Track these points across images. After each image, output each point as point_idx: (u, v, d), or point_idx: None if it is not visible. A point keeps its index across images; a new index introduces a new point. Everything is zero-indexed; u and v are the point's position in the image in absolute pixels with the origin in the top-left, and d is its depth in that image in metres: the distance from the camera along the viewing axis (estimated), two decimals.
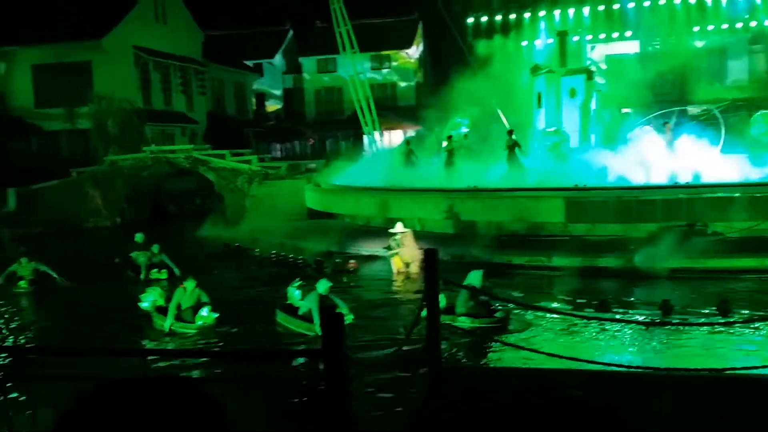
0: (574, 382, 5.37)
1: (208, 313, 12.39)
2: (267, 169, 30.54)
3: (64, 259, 19.46)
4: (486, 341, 10.54)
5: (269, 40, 58.07)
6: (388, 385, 9.10)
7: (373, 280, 16.39)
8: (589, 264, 15.81)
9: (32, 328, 13.96)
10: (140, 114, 35.89)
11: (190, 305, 12.53)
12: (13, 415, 4.42)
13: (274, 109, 58.76)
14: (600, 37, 33.74)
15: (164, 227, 28.34)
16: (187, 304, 12.52)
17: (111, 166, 32.46)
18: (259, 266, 19.23)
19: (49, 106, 37.48)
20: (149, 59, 40.29)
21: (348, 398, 4.13)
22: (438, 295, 6.69)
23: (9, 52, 38.25)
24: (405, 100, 53.77)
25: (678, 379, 6.19)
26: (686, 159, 20.91)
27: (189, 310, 12.51)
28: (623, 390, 5.39)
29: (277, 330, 12.19)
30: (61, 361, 5.31)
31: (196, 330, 12.28)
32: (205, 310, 12.38)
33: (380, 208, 22.14)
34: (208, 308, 12.43)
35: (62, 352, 6.66)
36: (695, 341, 10.32)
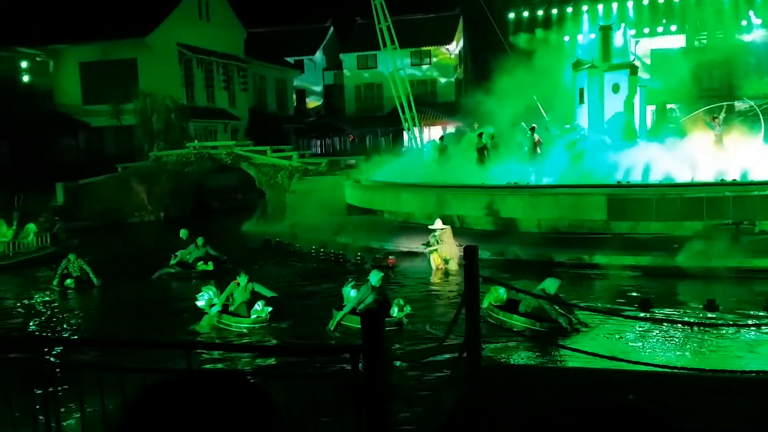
0: (619, 384, 5.31)
1: (263, 308, 12.04)
2: (307, 165, 30.75)
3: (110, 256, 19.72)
4: (532, 341, 10.47)
5: (310, 37, 58.41)
6: (426, 382, 9.10)
7: (411, 277, 16.39)
8: (631, 263, 15.59)
9: (82, 326, 14.08)
10: (184, 110, 36.42)
11: (244, 300, 12.29)
12: (61, 403, 4.54)
13: (315, 106, 59.09)
14: (644, 32, 33.15)
15: (207, 222, 28.75)
16: (240, 299, 12.30)
17: (155, 162, 33.03)
18: (299, 261, 19.38)
19: (95, 103, 38.26)
20: (193, 56, 40.85)
21: (386, 395, 4.15)
22: (478, 292, 6.66)
23: (57, 50, 39.14)
24: (445, 96, 53.57)
25: (724, 381, 6.08)
26: (734, 155, 20.44)
27: (243, 305, 12.27)
28: (669, 392, 5.31)
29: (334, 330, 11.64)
30: (106, 355, 5.45)
31: (250, 325, 12.02)
32: (259, 304, 12.02)
33: (420, 204, 22.12)
34: (262, 302, 12.08)
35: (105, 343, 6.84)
36: (740, 342, 10.11)
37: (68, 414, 5.20)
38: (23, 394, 4.51)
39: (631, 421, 0.91)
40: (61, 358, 8.71)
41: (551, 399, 5.29)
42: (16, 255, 20.25)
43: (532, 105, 26.79)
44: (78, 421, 4.49)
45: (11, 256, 20.11)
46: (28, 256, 20.41)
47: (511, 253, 17.00)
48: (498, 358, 9.79)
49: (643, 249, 16.24)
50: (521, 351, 10.16)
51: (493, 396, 5.67)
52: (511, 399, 5.46)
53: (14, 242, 20.54)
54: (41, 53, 39.22)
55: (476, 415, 5.33)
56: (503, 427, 4.92)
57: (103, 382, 4.24)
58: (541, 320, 11.03)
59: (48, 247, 21.26)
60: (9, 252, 20.20)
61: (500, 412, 5.23)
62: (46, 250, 20.95)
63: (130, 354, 7.01)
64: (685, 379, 6.05)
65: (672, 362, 9.13)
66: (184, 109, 36.51)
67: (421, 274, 16.59)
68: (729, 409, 5.03)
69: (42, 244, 21.25)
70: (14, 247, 20.44)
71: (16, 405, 4.46)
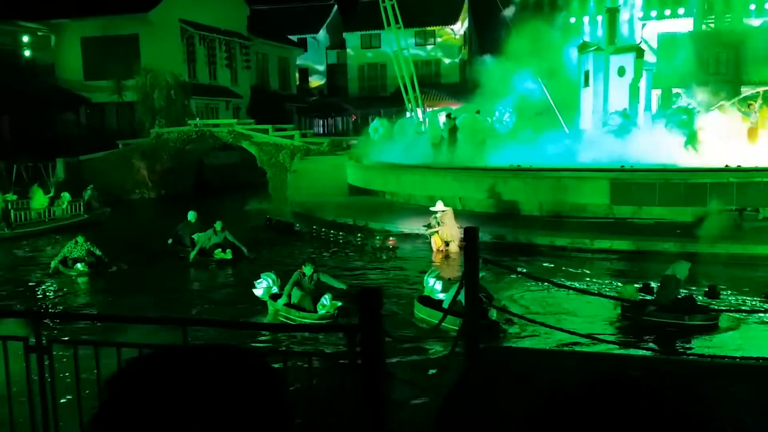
0: (620, 366, 5.26)
1: (330, 302, 10.88)
2: (309, 144, 30.63)
3: (116, 237, 19.13)
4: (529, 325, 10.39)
5: (314, 15, 58.00)
6: (424, 363, 9.08)
7: (412, 258, 16.35)
8: (633, 247, 15.54)
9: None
10: (185, 87, 36.23)
11: (309, 292, 11.25)
12: (59, 377, 4.50)
13: (317, 85, 58.81)
14: (652, 14, 32.80)
15: (208, 200, 28.71)
16: (304, 291, 11.26)
17: (156, 139, 32.91)
18: (301, 241, 19.32)
19: (97, 79, 38.06)
20: (195, 33, 40.58)
21: (384, 374, 4.10)
22: (478, 273, 6.60)
23: (59, 24, 38.89)
24: (449, 77, 53.27)
25: (724, 367, 6.03)
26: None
27: (307, 298, 11.15)
28: (670, 376, 5.26)
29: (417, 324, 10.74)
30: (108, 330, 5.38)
31: (316, 321, 10.73)
32: (326, 298, 10.88)
33: (421, 185, 22.05)
34: (329, 296, 10.93)
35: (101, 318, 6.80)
36: (741, 329, 10.07)
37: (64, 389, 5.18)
38: (19, 369, 4.47)
39: (639, 395, 0.86)
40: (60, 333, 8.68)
41: (551, 380, 5.24)
42: (51, 221, 21.75)
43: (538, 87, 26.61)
44: (74, 395, 4.44)
45: (46, 222, 21.62)
46: (62, 223, 21.82)
47: (511, 236, 16.95)
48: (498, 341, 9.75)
49: (646, 234, 16.18)
50: (523, 333, 10.11)
51: (492, 377, 5.62)
52: (510, 380, 5.42)
53: (50, 209, 22.04)
54: (43, 27, 38.97)
55: (474, 396, 5.28)
56: (501, 408, 4.88)
57: (99, 357, 4.20)
58: (691, 313, 10.08)
59: (81, 215, 22.72)
60: (45, 218, 21.72)
61: (498, 393, 5.19)
62: (80, 217, 22.52)
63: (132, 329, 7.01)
64: (686, 364, 6.01)
65: (672, 348, 9.11)
66: (186, 86, 36.32)
67: (422, 255, 16.55)
68: (729, 395, 4.98)
69: (75, 212, 22.71)
70: (49, 214, 21.91)
71: (12, 380, 4.42)
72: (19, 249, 19.44)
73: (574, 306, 11.32)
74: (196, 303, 13.13)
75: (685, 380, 5.17)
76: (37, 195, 22.54)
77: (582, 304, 11.32)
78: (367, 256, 16.77)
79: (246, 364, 0.91)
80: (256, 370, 0.91)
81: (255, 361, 0.92)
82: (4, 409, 4.43)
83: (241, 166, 35.11)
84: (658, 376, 5.10)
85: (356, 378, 4.00)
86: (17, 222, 20.88)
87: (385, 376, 4.15)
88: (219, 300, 13.37)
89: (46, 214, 21.91)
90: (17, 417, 4.58)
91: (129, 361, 0.92)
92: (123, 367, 0.91)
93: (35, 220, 21.49)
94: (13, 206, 21.28)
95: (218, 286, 14.92)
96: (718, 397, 4.89)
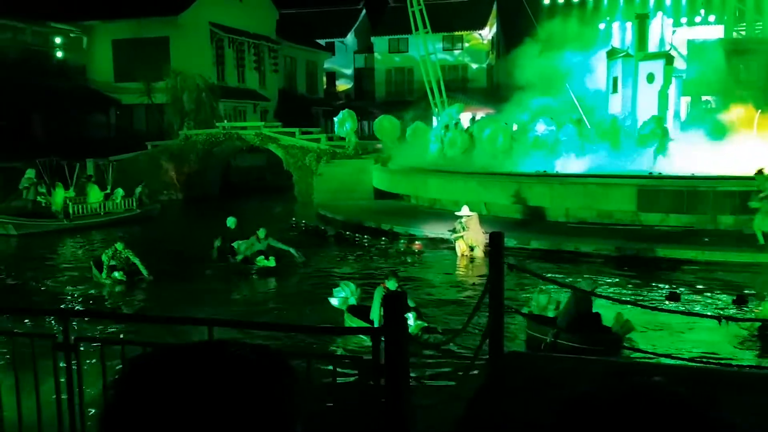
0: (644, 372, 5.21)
1: (415, 322, 9.74)
2: (335, 147, 30.72)
3: (154, 245, 18.63)
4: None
5: (342, 20, 58.19)
6: (448, 369, 9.04)
7: (437, 263, 16.33)
8: (660, 254, 15.37)
9: None
10: (214, 90, 36.56)
11: None
12: (85, 376, 4.55)
13: (345, 89, 58.97)
14: (682, 21, 32.47)
15: (236, 203, 28.94)
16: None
17: (185, 141, 33.22)
18: (327, 244, 19.35)
19: (127, 81, 38.55)
20: (224, 36, 40.94)
21: (406, 377, 4.10)
22: (503, 279, 6.56)
23: (90, 26, 39.47)
24: (476, 82, 53.11)
25: (751, 377, 5.94)
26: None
27: None
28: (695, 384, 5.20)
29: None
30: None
31: None
32: (410, 316, 9.66)
33: (447, 190, 22.03)
34: (414, 314, 9.76)
35: (129, 318, 6.87)
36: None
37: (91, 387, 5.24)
38: (47, 366, 4.53)
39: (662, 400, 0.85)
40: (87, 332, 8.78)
41: (574, 386, 5.21)
42: (106, 214, 23.90)
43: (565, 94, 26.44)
44: (101, 393, 4.50)
45: (101, 215, 23.74)
46: (116, 216, 23.95)
47: (536, 242, 16.86)
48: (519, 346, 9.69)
49: (673, 241, 16.01)
50: None
51: (516, 383, 5.60)
52: (533, 386, 5.39)
53: (104, 204, 24.14)
54: (75, 29, 39.58)
55: (498, 401, 5.27)
56: (525, 414, 4.85)
57: (124, 356, 4.25)
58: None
59: (134, 210, 24.81)
60: (100, 212, 23.87)
61: (522, 400, 5.16)
62: (132, 212, 24.67)
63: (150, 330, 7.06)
64: (712, 373, 5.93)
65: (698, 356, 8.98)
66: (215, 89, 36.65)
67: (447, 260, 16.52)
68: (753, 404, 4.91)
69: (128, 207, 24.78)
70: (104, 208, 24.04)
71: (39, 377, 4.48)
72: (74, 240, 21.01)
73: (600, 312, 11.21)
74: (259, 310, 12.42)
75: (713, 389, 5.10)
76: (93, 191, 24.23)
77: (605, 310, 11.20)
78: (392, 260, 16.78)
79: (250, 362, 0.91)
80: (260, 368, 0.91)
81: (262, 359, 0.92)
82: (32, 403, 4.49)
83: (267, 168, 35.35)
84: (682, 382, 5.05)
85: (380, 382, 4.00)
86: (75, 214, 22.87)
87: (408, 381, 4.15)
88: (280, 307, 12.68)
89: (102, 208, 23.95)
90: (45, 414, 4.65)
91: (134, 359, 0.93)
92: (129, 365, 0.92)
93: (91, 213, 23.52)
94: (71, 201, 23.14)
95: (273, 294, 14.23)
96: (744, 405, 4.82)
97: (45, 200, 23.08)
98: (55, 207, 22.78)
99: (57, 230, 21.90)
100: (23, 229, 21.33)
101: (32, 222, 21.84)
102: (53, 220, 22.36)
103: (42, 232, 21.52)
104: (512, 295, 10.56)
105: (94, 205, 23.76)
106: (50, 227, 21.98)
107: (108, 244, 16.19)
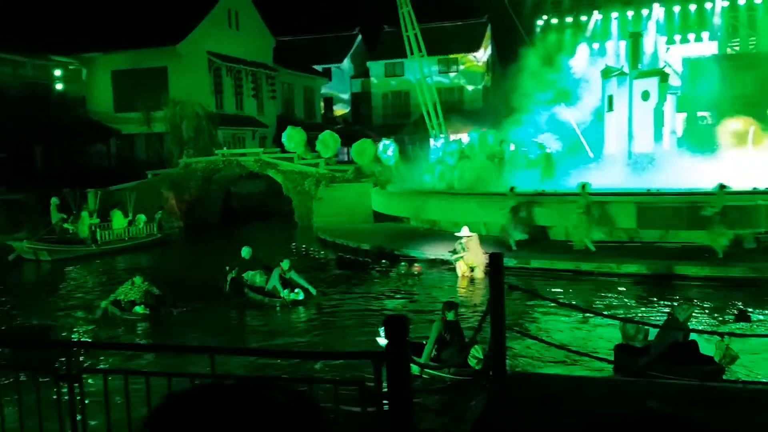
0: (644, 393, 5.22)
1: (483, 355, 8.70)
2: (334, 172, 30.83)
3: (165, 273, 18.39)
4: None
5: (338, 45, 58.70)
6: (450, 391, 9.03)
7: (438, 285, 16.34)
8: (661, 271, 15.39)
9: None
10: (213, 118, 36.75)
11: (453, 343, 9.41)
12: (88, 406, 4.57)
13: (342, 113, 59.30)
14: (675, 39, 32.75)
15: (237, 229, 29.02)
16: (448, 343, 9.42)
17: (185, 169, 33.34)
18: (325, 268, 19.38)
19: (126, 111, 38.79)
20: (222, 64, 41.26)
21: (409, 401, 4.12)
22: (503, 299, 6.59)
23: (90, 58, 39.80)
24: (472, 103, 53.44)
25: (749, 393, 5.94)
26: None
27: (452, 350, 9.28)
28: (692, 401, 5.21)
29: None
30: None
31: (469, 375, 8.98)
32: (478, 350, 8.84)
33: (446, 211, 22.08)
34: (480, 348, 8.75)
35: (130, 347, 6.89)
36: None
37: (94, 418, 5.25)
38: (49, 397, 4.55)
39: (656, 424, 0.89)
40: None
41: (577, 407, 5.21)
42: (130, 239, 25.21)
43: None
44: (104, 425, 4.51)
45: (126, 240, 25.02)
46: (139, 241, 25.39)
47: (536, 262, 16.88)
48: (523, 367, 9.68)
49: (673, 257, 16.03)
50: (546, 359, 10.03)
51: (519, 405, 5.60)
52: (537, 408, 5.40)
53: (128, 229, 25.42)
54: (74, 61, 39.90)
55: (501, 422, 5.27)
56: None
57: (128, 386, 4.27)
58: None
59: (155, 234, 26.20)
60: (125, 237, 25.15)
61: (525, 420, 5.17)
62: (154, 236, 26.09)
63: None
64: (711, 389, 5.93)
65: None
66: (213, 117, 36.84)
67: (448, 281, 16.53)
68: (752, 420, 4.92)
69: (150, 231, 26.17)
70: (128, 233, 25.32)
71: (42, 408, 4.50)
72: (100, 266, 21.74)
73: (601, 331, 11.23)
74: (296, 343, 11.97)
75: (716, 407, 5.11)
76: (117, 217, 25.48)
77: (608, 329, 11.21)
78: (392, 282, 16.79)
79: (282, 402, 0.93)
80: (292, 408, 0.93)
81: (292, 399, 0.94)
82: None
83: (267, 194, 35.41)
84: (683, 403, 5.06)
85: (382, 406, 4.02)
86: (102, 240, 24.16)
87: (411, 404, 4.16)
88: (311, 340, 12.14)
89: (126, 233, 25.27)
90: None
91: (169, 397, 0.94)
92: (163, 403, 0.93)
93: (117, 239, 24.79)
94: (97, 227, 24.42)
95: (302, 325, 13.51)
96: (748, 423, 4.83)
97: (72, 228, 24.41)
98: (82, 234, 24.06)
99: (86, 255, 23.14)
100: (56, 255, 22.68)
101: (64, 248, 23.24)
102: (82, 246, 23.63)
103: (73, 257, 22.87)
104: (523, 317, 10.55)
105: (119, 230, 25.07)
106: (80, 252, 23.29)
107: (131, 269, 16.14)
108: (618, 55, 30.09)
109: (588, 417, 4.89)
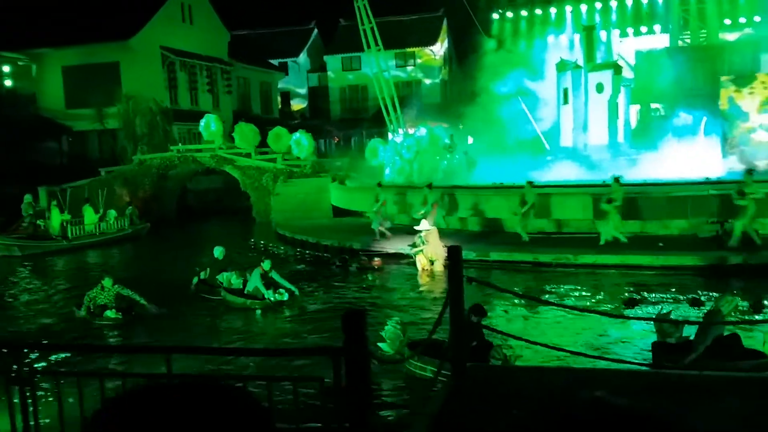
0: (601, 382, 5.28)
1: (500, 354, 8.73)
2: (292, 167, 30.64)
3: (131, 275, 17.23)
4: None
5: (294, 39, 58.27)
6: (410, 384, 9.04)
7: (398, 278, 16.34)
8: (617, 262, 15.64)
9: None
10: (167, 113, 36.19)
11: None
12: (41, 409, 4.45)
13: (300, 108, 58.94)
14: (628, 32, 33.26)
15: (194, 225, 28.67)
16: None
17: (139, 166, 32.79)
18: (285, 263, 19.23)
19: (78, 107, 37.91)
20: (176, 59, 40.62)
21: (369, 396, 4.09)
22: (462, 292, 6.60)
23: (39, 54, 38.80)
24: (430, 97, 53.57)
25: (711, 380, 6.06)
26: None
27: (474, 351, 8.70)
28: (648, 390, 5.28)
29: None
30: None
31: None
32: (498, 351, 8.84)
33: (404, 205, 22.10)
34: (498, 349, 8.75)
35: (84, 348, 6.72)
36: None
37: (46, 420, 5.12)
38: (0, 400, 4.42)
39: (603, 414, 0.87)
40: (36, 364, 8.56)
41: (538, 398, 5.25)
42: (101, 234, 25.62)
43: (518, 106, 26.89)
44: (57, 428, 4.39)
45: (97, 235, 25.42)
46: (110, 236, 25.82)
47: (495, 254, 17.01)
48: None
49: (628, 247, 16.30)
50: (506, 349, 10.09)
51: (479, 396, 5.62)
52: (496, 399, 5.42)
53: (99, 225, 25.77)
54: (23, 57, 38.88)
55: (462, 416, 5.28)
56: (489, 428, 4.88)
57: (81, 388, 4.16)
58: None
59: (125, 229, 26.69)
60: (96, 232, 25.55)
61: (486, 413, 5.19)
62: (124, 231, 26.60)
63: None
64: (676, 377, 6.03)
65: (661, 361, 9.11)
66: (168, 112, 36.28)
67: (408, 275, 16.55)
68: (713, 407, 5.00)
69: (120, 227, 26.64)
70: (99, 229, 25.72)
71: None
72: (71, 262, 22.01)
73: (558, 321, 11.36)
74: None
75: (675, 394, 5.19)
76: (88, 213, 25.86)
77: (566, 319, 11.36)
78: (351, 277, 16.75)
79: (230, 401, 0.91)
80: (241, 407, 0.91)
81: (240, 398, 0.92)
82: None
83: (224, 190, 35.03)
84: (641, 392, 5.13)
85: (342, 401, 3.99)
86: (72, 236, 24.46)
87: (370, 400, 4.14)
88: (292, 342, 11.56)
89: (97, 228, 25.65)
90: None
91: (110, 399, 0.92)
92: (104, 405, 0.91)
93: (88, 234, 25.16)
94: (68, 223, 24.65)
95: (286, 326, 12.90)
96: (708, 409, 4.92)
97: (43, 223, 24.85)
98: (52, 230, 24.42)
99: (57, 250, 23.46)
100: (27, 251, 23.14)
101: (35, 243, 23.71)
102: (53, 242, 24.01)
103: (43, 252, 23.24)
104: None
105: (90, 226, 25.37)
106: (51, 248, 23.65)
107: (101, 265, 15.87)
108: (573, 48, 30.42)
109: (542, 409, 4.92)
